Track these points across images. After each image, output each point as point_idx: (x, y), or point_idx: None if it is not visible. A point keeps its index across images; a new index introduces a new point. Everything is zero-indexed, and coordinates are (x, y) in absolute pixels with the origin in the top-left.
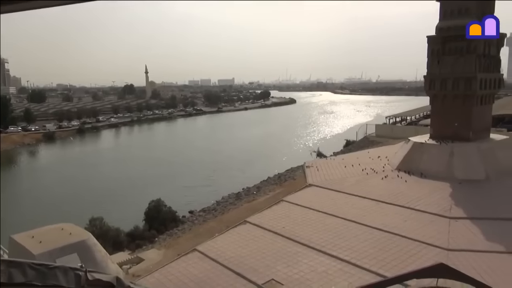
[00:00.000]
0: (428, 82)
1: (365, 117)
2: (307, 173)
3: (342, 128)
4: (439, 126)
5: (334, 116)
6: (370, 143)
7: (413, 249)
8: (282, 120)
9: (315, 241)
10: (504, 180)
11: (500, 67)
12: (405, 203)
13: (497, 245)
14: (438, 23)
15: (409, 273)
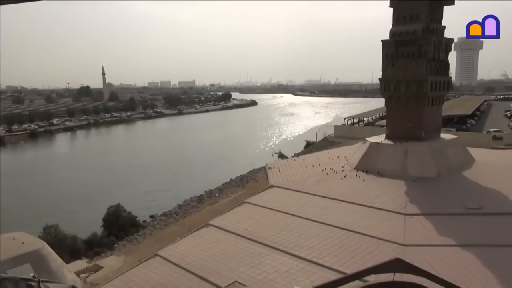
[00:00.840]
0: (383, 84)
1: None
2: (269, 174)
3: (303, 129)
4: (394, 127)
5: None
6: (329, 144)
7: (371, 245)
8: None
9: (278, 242)
10: (454, 177)
11: (448, 70)
12: (363, 201)
13: (449, 239)
14: (392, 28)
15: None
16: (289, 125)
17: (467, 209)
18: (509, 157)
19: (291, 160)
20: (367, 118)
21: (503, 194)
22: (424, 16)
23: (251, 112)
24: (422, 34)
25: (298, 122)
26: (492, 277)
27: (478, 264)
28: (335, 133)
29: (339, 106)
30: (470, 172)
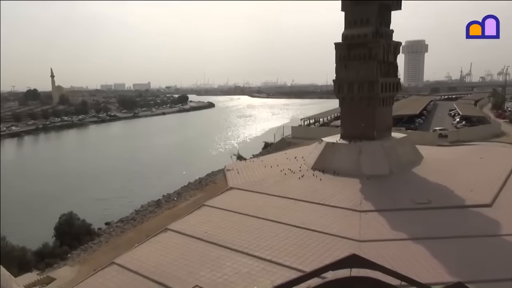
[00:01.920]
0: (337, 86)
1: (282, 120)
2: (227, 176)
3: (261, 131)
4: (348, 127)
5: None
6: (287, 145)
7: (329, 243)
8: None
9: (238, 243)
10: (404, 174)
11: (397, 72)
12: (320, 200)
13: (401, 233)
14: (344, 31)
15: (325, 266)
16: (247, 126)
17: (417, 204)
18: (453, 154)
19: (249, 162)
20: (323, 118)
21: (449, 189)
22: (373, 20)
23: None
24: (372, 37)
25: (256, 124)
26: (441, 267)
27: (428, 255)
28: (292, 134)
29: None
30: (419, 168)
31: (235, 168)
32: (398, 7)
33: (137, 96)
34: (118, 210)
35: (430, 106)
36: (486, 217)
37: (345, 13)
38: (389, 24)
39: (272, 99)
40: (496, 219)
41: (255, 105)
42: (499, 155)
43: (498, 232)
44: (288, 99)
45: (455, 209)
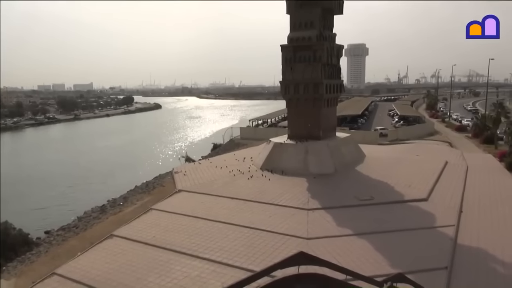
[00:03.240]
0: (284, 87)
1: (230, 121)
2: (176, 178)
3: (209, 132)
4: (295, 127)
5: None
6: (236, 146)
7: (278, 242)
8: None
9: (187, 246)
10: (348, 172)
11: (340, 74)
12: (269, 200)
13: (346, 229)
14: (289, 33)
15: (274, 265)
16: (195, 128)
17: (360, 200)
18: (393, 152)
19: (198, 163)
20: (271, 119)
21: (390, 185)
22: (317, 24)
23: (155, 116)
24: (316, 40)
25: (204, 125)
26: (383, 260)
27: (371, 249)
28: (241, 135)
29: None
30: (362, 166)
31: (184, 170)
32: (340, 12)
33: (79, 97)
34: (58, 218)
35: (371, 107)
36: (423, 210)
37: (290, 16)
38: (332, 27)
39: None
40: (432, 212)
41: (203, 106)
42: (433, 152)
43: (433, 225)
44: (236, 100)
45: (395, 204)
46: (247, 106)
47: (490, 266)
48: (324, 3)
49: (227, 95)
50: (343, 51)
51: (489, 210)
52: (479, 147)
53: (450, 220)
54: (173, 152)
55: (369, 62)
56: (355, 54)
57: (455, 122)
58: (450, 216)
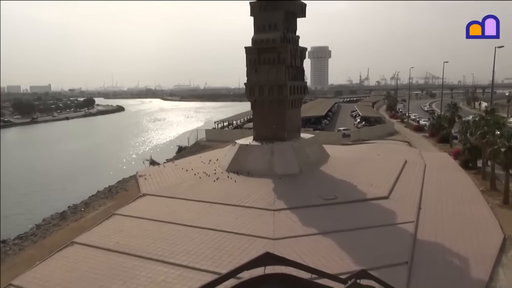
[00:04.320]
0: (249, 89)
1: (195, 123)
2: (140, 182)
3: (174, 135)
4: (260, 128)
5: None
6: (201, 148)
7: (245, 243)
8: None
9: (153, 251)
10: (313, 172)
11: (304, 76)
12: (235, 201)
13: (312, 228)
14: (253, 35)
15: (240, 266)
16: (160, 130)
17: (325, 200)
18: (356, 152)
19: (163, 167)
20: (236, 121)
21: (353, 184)
22: (281, 26)
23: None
24: (280, 42)
25: (169, 128)
26: (348, 258)
27: (336, 247)
28: (206, 137)
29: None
30: (326, 166)
31: (148, 174)
32: (303, 15)
33: (36, 99)
34: (15, 227)
35: (335, 108)
36: (384, 208)
37: (254, 18)
38: (295, 30)
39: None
40: (392, 210)
41: (168, 108)
42: (393, 152)
43: (394, 222)
44: (201, 102)
45: (358, 202)
46: (212, 108)
47: (447, 259)
48: (287, 6)
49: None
50: (306, 53)
51: (446, 206)
52: (435, 146)
53: (410, 216)
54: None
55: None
56: (318, 56)
57: (413, 122)
58: (410, 213)
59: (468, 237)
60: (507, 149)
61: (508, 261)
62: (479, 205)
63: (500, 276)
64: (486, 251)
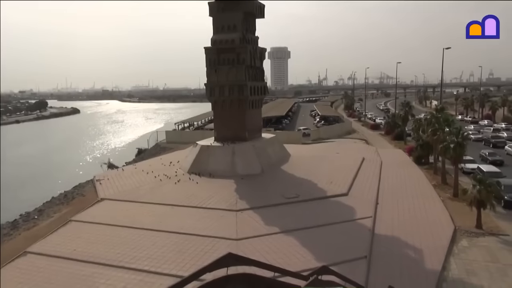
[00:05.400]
0: (209, 89)
1: (155, 125)
2: (98, 187)
3: (133, 137)
4: (221, 129)
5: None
6: (162, 150)
7: (208, 245)
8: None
9: (112, 258)
10: (274, 172)
11: (264, 76)
12: (197, 203)
13: (274, 227)
14: (213, 36)
15: (202, 268)
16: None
17: (287, 198)
18: (316, 150)
19: (122, 170)
20: (197, 122)
21: (313, 182)
22: (240, 27)
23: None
24: (239, 43)
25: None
26: (309, 255)
27: (298, 245)
28: (166, 138)
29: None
30: (287, 166)
31: (106, 178)
32: (262, 16)
33: None
34: None
35: (295, 108)
36: (344, 205)
37: (213, 19)
38: (254, 31)
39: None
40: (352, 206)
41: (126, 110)
42: (351, 150)
43: (354, 217)
44: (161, 103)
45: (319, 200)
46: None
47: (403, 252)
48: (245, 7)
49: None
50: (266, 53)
51: (401, 200)
52: (391, 143)
53: (368, 212)
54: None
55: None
56: (278, 57)
57: (370, 121)
58: (368, 208)
59: (422, 229)
60: (456, 145)
61: (458, 251)
62: (431, 199)
63: (452, 265)
64: (438, 243)
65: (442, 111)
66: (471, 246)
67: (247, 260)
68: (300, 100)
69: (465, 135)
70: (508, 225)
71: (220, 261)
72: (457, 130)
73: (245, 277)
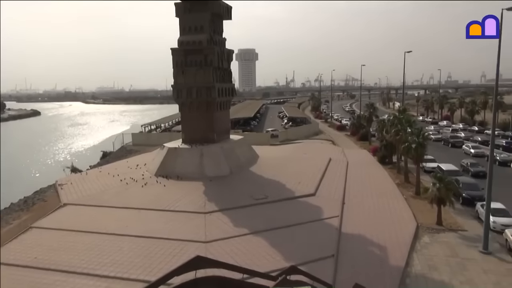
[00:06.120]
0: (176, 91)
1: (121, 127)
2: (60, 192)
3: (98, 140)
4: (189, 131)
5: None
6: (128, 153)
7: (176, 248)
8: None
9: (76, 264)
10: (243, 173)
11: (231, 78)
12: (165, 206)
13: (243, 229)
14: (179, 37)
15: (169, 273)
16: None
17: (256, 200)
18: (284, 151)
19: (86, 174)
20: (164, 124)
21: (281, 183)
22: (207, 28)
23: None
24: (207, 44)
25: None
26: (278, 255)
27: (267, 246)
28: (133, 141)
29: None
30: (255, 167)
31: (69, 182)
32: (229, 17)
33: None
34: None
35: (263, 109)
36: (311, 205)
37: (180, 20)
38: (221, 32)
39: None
40: (319, 206)
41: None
42: (318, 150)
43: (321, 217)
44: (126, 105)
45: (287, 200)
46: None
47: (368, 249)
48: (212, 8)
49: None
50: (233, 55)
51: (366, 199)
52: (356, 144)
53: (335, 211)
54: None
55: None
56: (246, 58)
57: (336, 122)
58: (335, 208)
59: (386, 227)
60: (417, 145)
61: (421, 247)
62: (395, 197)
63: (414, 261)
64: (402, 239)
65: (404, 112)
66: (433, 242)
67: (215, 262)
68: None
69: (425, 135)
70: (466, 221)
71: (188, 264)
72: (418, 130)
73: (214, 280)
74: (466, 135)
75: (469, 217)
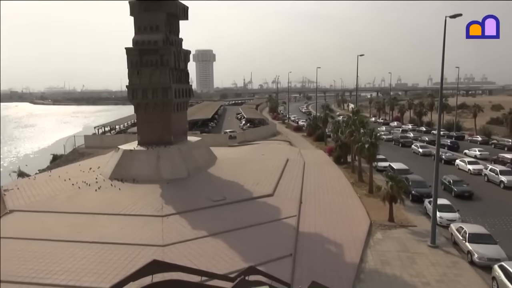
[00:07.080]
0: (131, 91)
1: (73, 129)
2: (5, 198)
3: (48, 143)
4: (145, 133)
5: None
6: (80, 155)
7: (133, 253)
8: None
9: (24, 274)
10: (201, 175)
11: (189, 79)
12: (120, 210)
13: (201, 231)
14: (134, 36)
15: (125, 278)
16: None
17: (214, 201)
18: (241, 153)
19: (34, 178)
20: (119, 125)
21: (240, 184)
22: (163, 28)
23: None
24: (162, 44)
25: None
26: (237, 256)
27: (226, 247)
28: (85, 143)
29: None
30: (214, 168)
31: (16, 187)
32: (185, 17)
33: None
34: None
35: (221, 111)
36: (270, 205)
37: (134, 19)
38: (178, 32)
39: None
40: (277, 206)
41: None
42: (276, 151)
43: (279, 217)
44: (78, 105)
45: (246, 201)
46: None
47: (325, 247)
48: (168, 8)
49: (67, 100)
50: (190, 56)
51: (323, 198)
52: (312, 144)
53: (293, 211)
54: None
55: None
56: (203, 59)
57: (293, 123)
58: (293, 207)
59: (342, 224)
60: (370, 145)
61: (374, 243)
62: (349, 195)
63: (368, 257)
64: (356, 236)
65: (358, 113)
66: (385, 238)
67: (173, 266)
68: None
69: (377, 136)
70: (415, 217)
71: (144, 269)
72: (371, 131)
73: (171, 284)
74: (414, 135)
75: (418, 213)
